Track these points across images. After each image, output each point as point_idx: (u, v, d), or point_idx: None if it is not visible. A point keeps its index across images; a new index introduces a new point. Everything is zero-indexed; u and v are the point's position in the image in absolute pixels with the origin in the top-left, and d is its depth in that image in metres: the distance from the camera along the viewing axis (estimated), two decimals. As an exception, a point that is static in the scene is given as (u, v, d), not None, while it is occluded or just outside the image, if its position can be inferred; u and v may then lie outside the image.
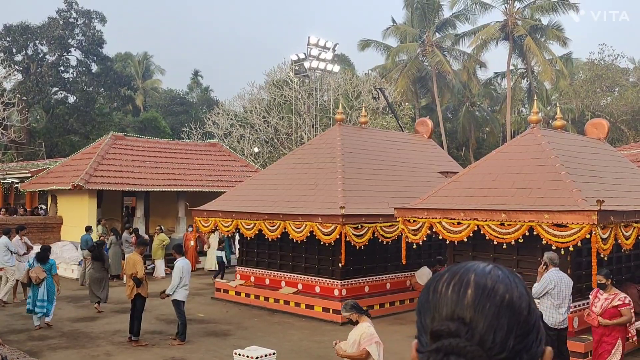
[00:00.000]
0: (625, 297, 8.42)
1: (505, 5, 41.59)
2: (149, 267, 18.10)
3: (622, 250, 11.09)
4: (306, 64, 33.79)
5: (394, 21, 47.03)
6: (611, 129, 18.82)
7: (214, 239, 20.20)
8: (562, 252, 9.66)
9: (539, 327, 1.05)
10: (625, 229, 10.14)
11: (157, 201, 23.64)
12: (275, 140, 35.63)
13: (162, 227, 21.09)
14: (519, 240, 10.10)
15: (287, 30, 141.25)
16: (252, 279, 15.76)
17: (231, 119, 36.88)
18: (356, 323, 6.54)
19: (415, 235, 11.61)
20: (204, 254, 21.25)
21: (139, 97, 59.09)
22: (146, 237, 19.63)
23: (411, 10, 45.76)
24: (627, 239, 10.18)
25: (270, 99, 36.78)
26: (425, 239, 11.77)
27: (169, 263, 20.49)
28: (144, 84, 62.35)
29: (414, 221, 11.59)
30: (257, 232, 14.45)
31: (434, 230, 11.32)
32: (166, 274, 19.35)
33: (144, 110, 57.53)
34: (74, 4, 42.72)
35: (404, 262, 12.37)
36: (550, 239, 9.69)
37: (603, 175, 11.64)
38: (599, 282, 8.54)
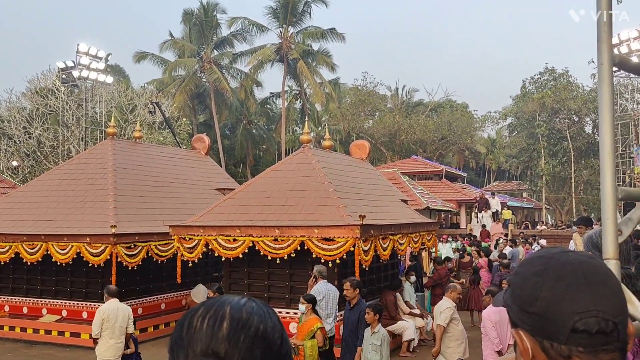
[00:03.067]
0: None
1: (280, 29, 43.66)
2: None
3: (381, 260, 12.22)
4: (75, 73, 31.55)
5: (171, 35, 46.37)
6: (372, 149, 20.73)
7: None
8: (330, 265, 10.30)
9: (291, 357, 1.07)
10: (383, 241, 11.20)
11: None
12: (39, 154, 32.50)
13: None
14: (292, 254, 10.54)
15: (54, 35, 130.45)
16: (7, 308, 14.05)
17: (-16, 128, 32.75)
18: None
19: (191, 253, 11.44)
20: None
21: None
22: None
23: (189, 26, 45.58)
24: (384, 250, 11.25)
25: (33, 108, 33.51)
26: (201, 256, 11.66)
27: None
28: None
29: (190, 239, 11.42)
30: (13, 256, 12.96)
31: (210, 247, 11.28)
32: None
33: None
34: None
35: (179, 280, 12.10)
36: (319, 253, 10.28)
37: (365, 192, 12.73)
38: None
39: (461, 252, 18.13)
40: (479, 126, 51.89)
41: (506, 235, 24.78)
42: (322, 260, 10.21)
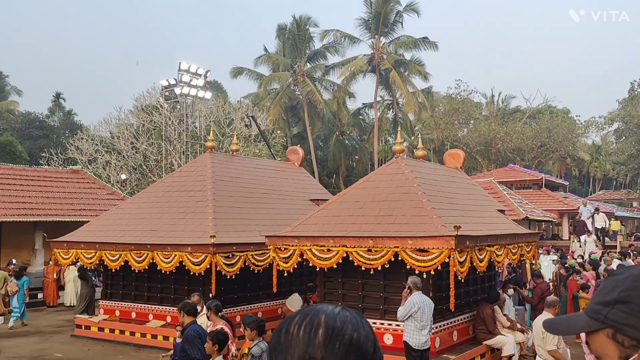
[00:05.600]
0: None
1: (372, 40, 43.79)
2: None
3: (477, 272, 11.90)
4: (177, 90, 33.16)
5: (266, 50, 47.72)
6: (467, 158, 20.26)
7: (70, 272, 18.98)
8: (424, 276, 10.16)
9: None
10: (479, 252, 10.91)
11: (11, 232, 21.78)
12: (144, 167, 34.41)
13: (14, 261, 19.45)
14: (385, 265, 10.49)
15: (158, 56, 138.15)
16: (117, 313, 14.95)
17: (96, 144, 35.10)
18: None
19: (286, 262, 11.67)
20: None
21: (-8, 120, 54.58)
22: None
23: (283, 40, 46.73)
24: (481, 262, 10.95)
25: (139, 124, 35.56)
26: (296, 266, 11.87)
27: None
28: (-2, 105, 57.74)
29: (285, 249, 11.65)
30: (122, 264, 13.78)
31: (304, 257, 11.45)
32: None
33: (-2, 134, 53.13)
34: None
35: (275, 290, 12.36)
36: (413, 264, 10.17)
37: (460, 202, 12.47)
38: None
39: (565, 266, 17.24)
40: (582, 132, 49.29)
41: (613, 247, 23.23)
42: (417, 272, 10.09)
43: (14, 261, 19.31)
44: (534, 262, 14.86)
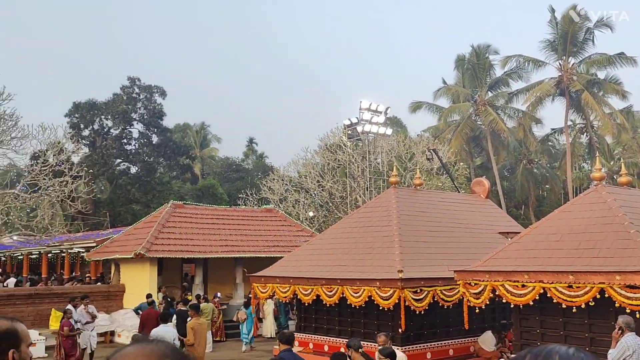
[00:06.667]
0: None
1: (559, 61, 41.32)
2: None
3: None
4: (359, 128, 34.18)
5: (444, 82, 47.38)
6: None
7: (268, 305, 20.09)
8: (638, 315, 9.10)
9: None
10: None
11: (216, 268, 23.87)
12: (330, 204, 35.74)
13: (219, 294, 21.17)
14: (590, 303, 9.60)
15: (339, 95, 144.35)
16: (311, 345, 15.48)
17: (286, 184, 37.36)
18: None
19: (477, 298, 11.22)
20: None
21: (197, 166, 60.88)
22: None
23: (462, 71, 46.06)
24: None
25: (324, 163, 37.19)
26: (488, 302, 11.35)
27: (227, 329, 20.50)
28: (202, 152, 64.34)
29: (475, 284, 11.23)
30: (314, 298, 14.30)
31: (496, 293, 10.92)
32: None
33: (202, 178, 59.08)
34: (136, 80, 45.11)
35: (466, 326, 11.92)
36: (623, 302, 9.17)
37: (676, 232, 11.05)
38: None
39: None
40: None
41: None
42: (628, 310, 9.07)
43: (219, 294, 21.04)
44: None
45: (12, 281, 28.09)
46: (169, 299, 19.83)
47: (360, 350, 8.75)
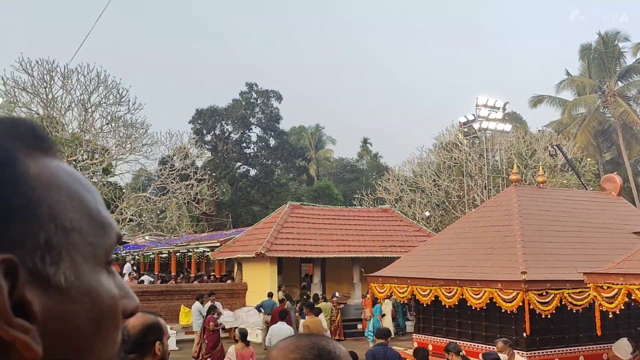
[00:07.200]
0: None
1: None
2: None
3: None
4: (475, 125, 33.23)
5: (568, 74, 44.83)
6: None
7: (386, 305, 20.04)
8: None
9: None
10: None
11: (333, 267, 24.21)
12: (447, 204, 35.03)
13: (337, 294, 21.44)
14: None
15: (454, 92, 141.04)
16: (430, 347, 15.25)
17: (401, 183, 37.12)
18: None
19: (611, 303, 10.49)
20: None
21: (312, 167, 62.10)
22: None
23: (587, 61, 43.34)
24: None
25: (439, 161, 36.54)
26: (622, 307, 10.59)
27: (345, 329, 20.72)
28: (317, 154, 65.53)
29: (608, 288, 10.51)
30: (433, 299, 14.09)
31: (632, 297, 10.16)
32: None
33: (317, 179, 60.18)
34: (254, 85, 46.85)
35: (599, 332, 11.20)
36: None
37: None
38: None
39: None
40: None
41: None
42: None
43: (337, 294, 21.31)
44: None
45: (147, 278, 30.18)
46: (285, 296, 20.41)
47: (461, 353, 8.71)
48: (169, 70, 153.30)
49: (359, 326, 21.64)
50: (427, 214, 35.42)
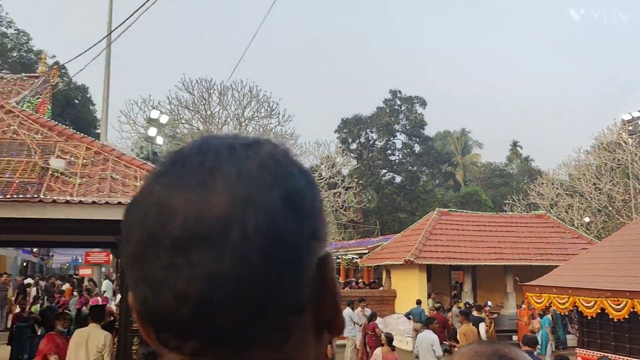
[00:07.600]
0: None
1: None
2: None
3: None
4: (644, 122, 30.42)
5: None
6: None
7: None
8: None
9: None
10: None
11: (484, 275, 23.37)
12: (610, 209, 32.37)
13: (489, 303, 20.65)
14: None
15: (618, 86, 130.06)
16: (595, 364, 14.15)
17: (557, 188, 34.97)
18: None
19: None
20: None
21: (459, 173, 60.60)
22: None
23: None
24: None
25: (600, 163, 33.91)
26: None
27: (499, 339, 19.86)
28: (463, 159, 63.85)
29: None
30: (599, 311, 13.05)
31: None
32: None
33: (464, 185, 58.59)
34: (397, 92, 46.84)
35: None
36: None
37: None
38: None
39: None
40: None
41: None
42: None
43: (489, 303, 20.53)
44: None
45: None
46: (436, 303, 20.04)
47: None
48: (314, 82, 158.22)
49: (514, 337, 20.65)
50: (587, 219, 33.00)
